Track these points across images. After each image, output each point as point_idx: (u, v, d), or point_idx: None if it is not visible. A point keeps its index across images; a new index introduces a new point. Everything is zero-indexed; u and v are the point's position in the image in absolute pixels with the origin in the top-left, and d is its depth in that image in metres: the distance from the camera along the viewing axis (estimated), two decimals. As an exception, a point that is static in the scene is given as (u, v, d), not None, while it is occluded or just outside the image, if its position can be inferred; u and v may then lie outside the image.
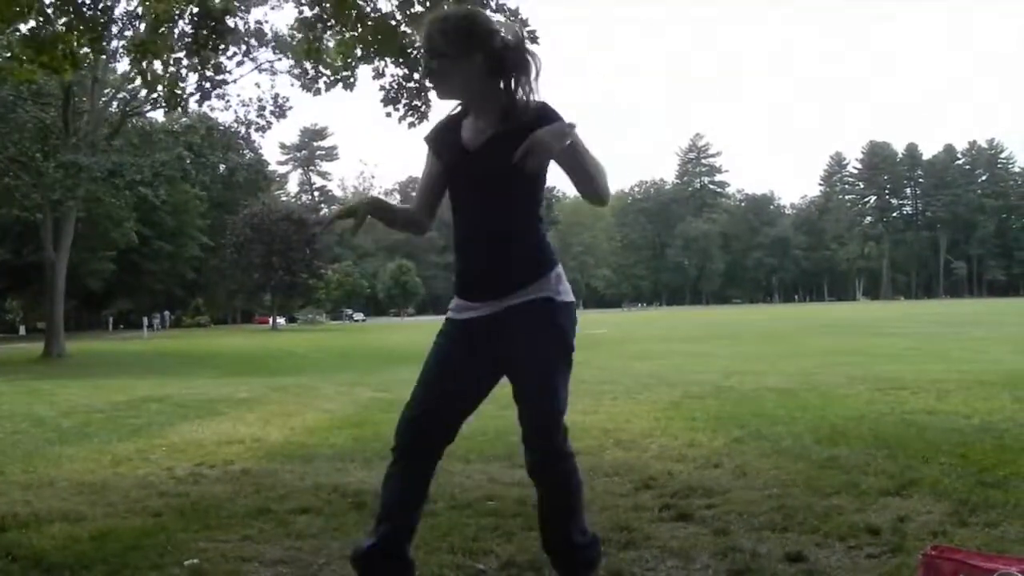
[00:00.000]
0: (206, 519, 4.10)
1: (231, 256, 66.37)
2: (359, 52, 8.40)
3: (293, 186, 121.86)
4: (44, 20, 7.01)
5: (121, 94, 32.72)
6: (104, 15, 7.47)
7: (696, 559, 3.33)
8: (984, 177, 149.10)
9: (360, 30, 8.20)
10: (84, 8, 7.22)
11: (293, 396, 11.26)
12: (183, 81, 8.67)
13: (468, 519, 3.94)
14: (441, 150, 2.80)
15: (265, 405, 10.05)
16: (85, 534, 3.83)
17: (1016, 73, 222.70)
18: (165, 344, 38.32)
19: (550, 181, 2.82)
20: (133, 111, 32.03)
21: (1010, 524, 3.67)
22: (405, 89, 8.63)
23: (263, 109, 29.55)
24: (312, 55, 8.72)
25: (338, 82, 8.78)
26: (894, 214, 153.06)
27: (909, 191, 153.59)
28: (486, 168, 2.67)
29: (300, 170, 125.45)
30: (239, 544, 3.68)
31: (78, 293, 56.17)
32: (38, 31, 7.07)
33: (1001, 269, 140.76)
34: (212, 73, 8.58)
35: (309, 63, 8.96)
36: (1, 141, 27.39)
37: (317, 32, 8.55)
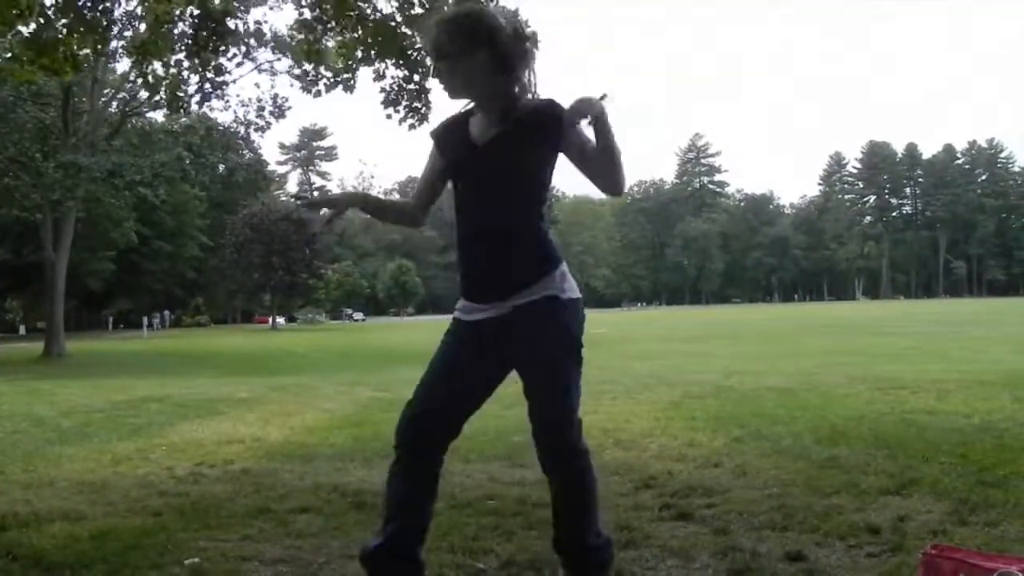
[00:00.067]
0: (206, 518, 4.10)
1: (231, 256, 66.38)
2: (359, 54, 8.39)
3: (293, 186, 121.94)
4: (45, 22, 6.99)
5: (121, 94, 32.73)
6: (105, 17, 7.45)
7: (696, 558, 3.33)
8: (984, 177, 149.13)
9: (360, 32, 8.19)
10: (85, 10, 7.20)
11: (293, 396, 11.25)
12: (185, 84, 8.65)
13: (468, 518, 3.93)
14: (446, 147, 2.80)
15: (265, 405, 10.04)
16: (85, 533, 3.82)
17: (1016, 73, 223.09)
18: (165, 344, 38.33)
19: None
20: (133, 111, 32.02)
21: (1010, 523, 3.66)
22: (406, 91, 8.62)
23: (262, 109, 29.56)
24: (312, 57, 8.71)
25: (338, 84, 8.77)
26: (894, 214, 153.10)
27: (909, 191, 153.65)
28: (491, 166, 2.67)
29: (300, 170, 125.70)
30: (239, 543, 3.68)
31: (78, 293, 56.18)
32: (39, 33, 7.05)
33: (1001, 269, 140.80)
34: (213, 75, 8.56)
35: (309, 65, 8.95)
36: (1, 141, 27.37)
37: (317, 34, 8.54)
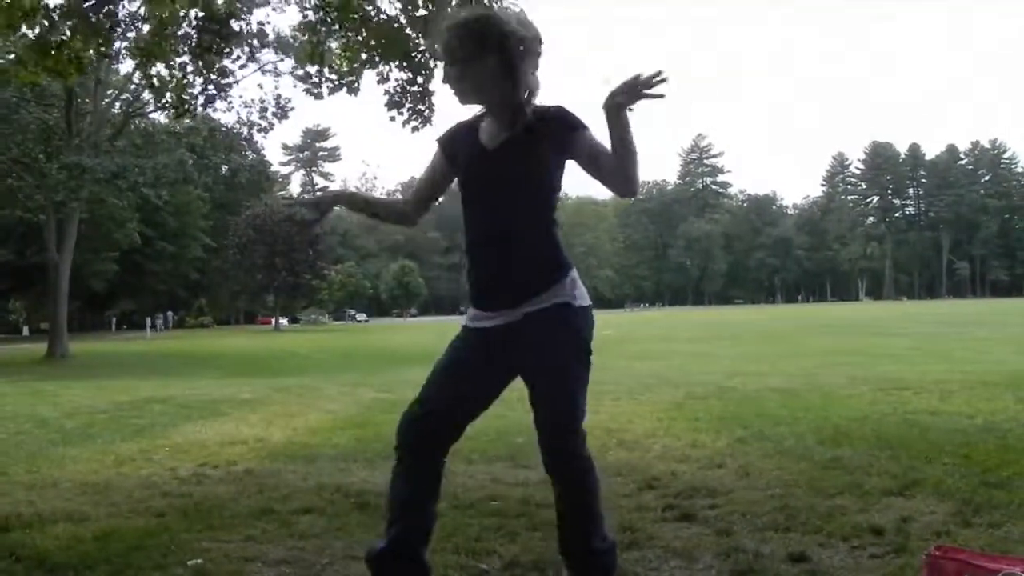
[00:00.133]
0: (209, 519, 4.10)
1: (234, 257, 66.33)
2: (364, 56, 8.38)
3: (296, 187, 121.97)
4: (50, 25, 6.99)
5: (124, 95, 32.76)
6: (109, 19, 7.44)
7: (699, 559, 3.33)
8: (987, 177, 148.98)
9: (364, 34, 8.18)
10: (90, 13, 7.20)
11: (296, 397, 11.26)
12: (191, 87, 8.64)
13: (471, 519, 3.94)
14: (456, 152, 2.78)
15: (268, 406, 10.05)
16: (88, 534, 3.83)
17: (1016, 73, 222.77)
18: (168, 345, 38.34)
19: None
20: (136, 112, 32.05)
21: (1014, 524, 3.67)
22: (409, 93, 8.59)
23: (265, 110, 29.56)
24: (315, 59, 8.70)
25: (343, 87, 8.74)
26: (897, 214, 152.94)
27: (912, 191, 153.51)
28: (502, 171, 2.66)
29: (303, 171, 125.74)
30: (242, 544, 3.68)
31: (81, 294, 56.18)
32: (44, 36, 7.05)
33: (1004, 269, 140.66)
34: (217, 77, 8.55)
35: (313, 67, 8.93)
36: (4, 142, 27.40)
37: (321, 36, 8.53)
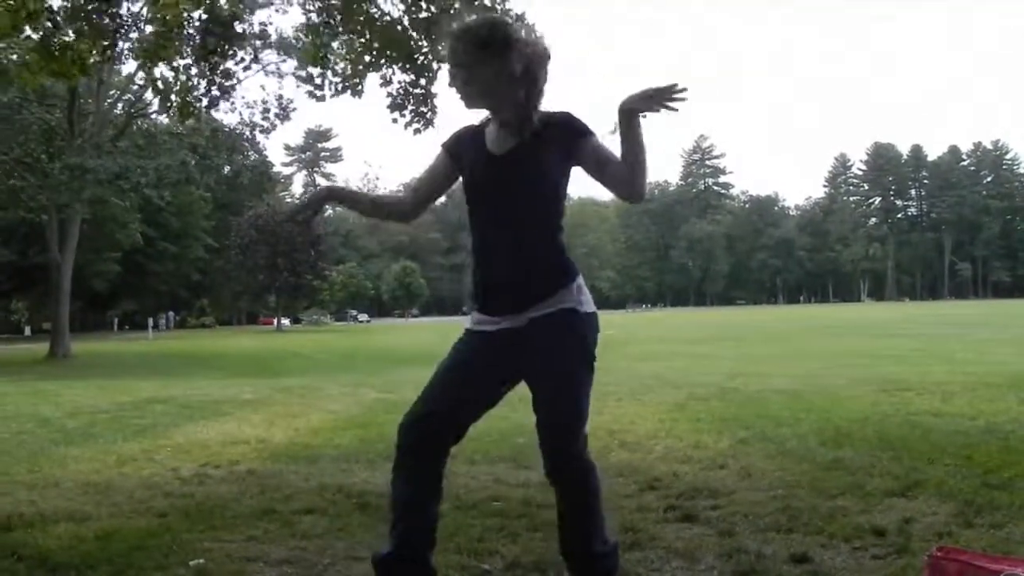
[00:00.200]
0: (211, 519, 4.11)
1: (236, 257, 66.32)
2: (367, 58, 8.36)
3: (298, 187, 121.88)
4: (54, 27, 6.99)
5: (126, 96, 32.77)
6: (114, 21, 7.44)
7: (701, 560, 3.33)
8: (989, 178, 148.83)
9: (368, 36, 8.17)
10: (94, 15, 7.19)
11: (298, 397, 11.27)
12: (195, 90, 8.61)
13: (473, 520, 3.94)
14: (461, 157, 2.78)
15: (270, 406, 10.06)
16: (90, 534, 3.84)
17: (1016, 73, 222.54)
18: (170, 345, 38.35)
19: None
20: (138, 113, 32.06)
21: (1015, 525, 3.67)
22: (412, 95, 8.58)
23: (267, 111, 29.53)
24: (319, 61, 8.69)
25: (346, 89, 8.72)
26: (899, 215, 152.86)
27: (914, 192, 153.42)
28: (510, 176, 2.65)
29: (305, 171, 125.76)
30: (244, 544, 3.69)
31: (83, 294, 56.20)
32: (48, 38, 7.05)
33: (1006, 270, 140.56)
34: (221, 79, 8.53)
35: (316, 69, 8.92)
36: (7, 142, 27.41)
37: (324, 39, 8.52)
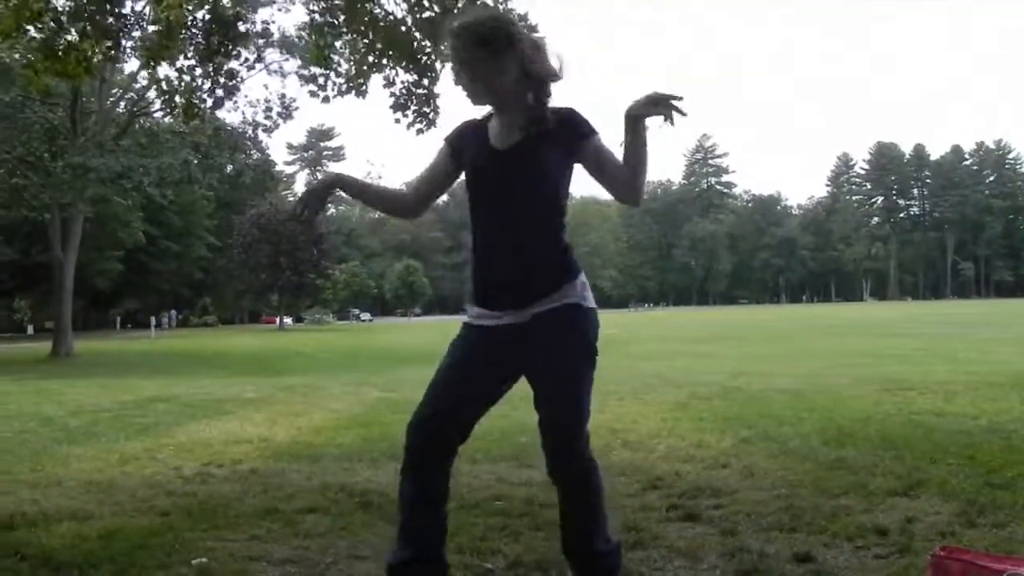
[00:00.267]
0: (214, 518, 4.11)
1: (238, 256, 66.40)
2: (371, 59, 8.35)
3: (300, 186, 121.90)
4: (58, 27, 6.98)
5: (129, 95, 32.79)
6: (118, 21, 7.42)
7: (704, 559, 3.33)
8: (992, 178, 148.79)
9: (371, 36, 8.15)
10: (97, 15, 7.18)
11: (300, 396, 11.27)
12: (200, 91, 8.59)
13: (476, 519, 3.93)
14: (464, 151, 2.77)
15: (272, 405, 10.06)
16: (93, 533, 3.84)
17: (1016, 73, 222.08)
18: (172, 344, 38.39)
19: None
20: (141, 111, 32.08)
21: (1018, 525, 3.66)
22: (414, 95, 8.56)
23: (270, 110, 29.54)
24: (322, 61, 8.68)
25: (351, 89, 8.69)
26: (901, 215, 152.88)
27: (916, 192, 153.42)
28: (514, 171, 2.64)
29: (307, 170, 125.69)
30: (247, 543, 3.69)
31: (86, 293, 56.34)
32: (52, 39, 7.04)
33: (1009, 270, 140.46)
34: (225, 79, 8.50)
35: (319, 70, 8.90)
36: (9, 141, 27.43)
37: (327, 40, 8.51)
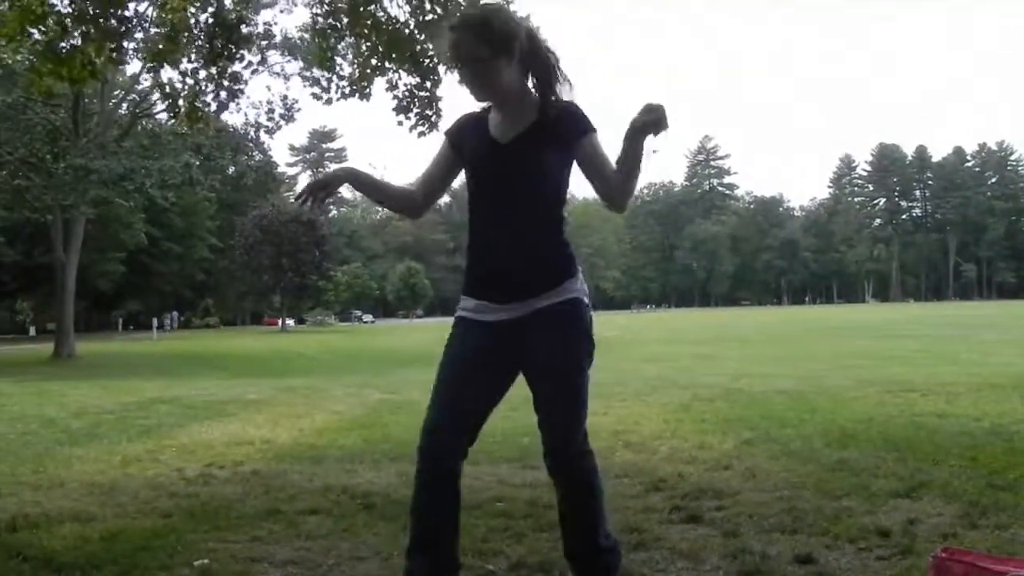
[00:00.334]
0: (216, 520, 4.11)
1: (240, 258, 66.38)
2: (374, 62, 8.34)
3: (302, 188, 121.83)
4: (62, 30, 6.97)
5: (131, 96, 32.80)
6: (123, 25, 7.41)
7: (706, 561, 3.33)
8: (994, 179, 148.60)
9: (375, 38, 8.15)
10: (101, 19, 7.16)
11: (302, 397, 11.27)
12: (203, 94, 8.58)
13: (478, 520, 3.93)
14: (464, 144, 2.75)
15: (274, 406, 10.07)
16: (95, 534, 3.84)
17: (1016, 73, 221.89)
18: (174, 345, 38.40)
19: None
20: (143, 113, 32.09)
21: (1020, 527, 3.66)
22: (417, 98, 8.55)
23: (272, 111, 29.53)
24: (325, 64, 8.67)
25: (354, 93, 8.68)
26: (903, 216, 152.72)
27: (918, 193, 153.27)
28: (515, 165, 2.63)
29: (309, 172, 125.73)
30: (249, 545, 3.69)
31: (88, 294, 56.35)
32: (55, 41, 7.03)
33: (1011, 271, 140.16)
34: (229, 82, 8.49)
35: (322, 73, 8.89)
36: (12, 143, 27.45)
37: (331, 42, 8.50)
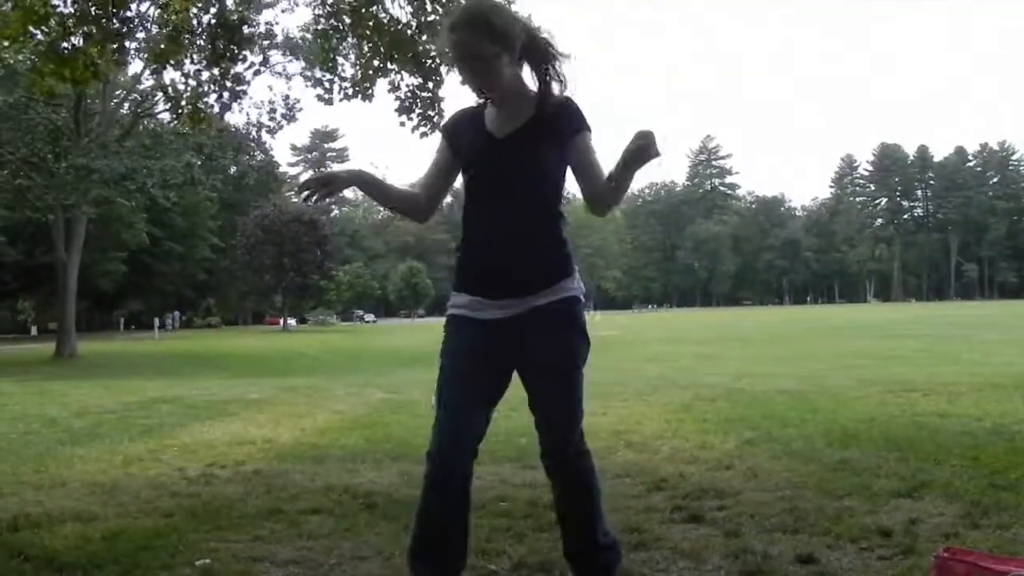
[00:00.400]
0: (217, 519, 4.11)
1: (242, 257, 66.42)
2: (376, 63, 8.34)
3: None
4: (64, 31, 6.97)
5: (132, 95, 32.80)
6: (125, 26, 7.41)
7: (707, 560, 3.33)
8: (995, 179, 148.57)
9: (376, 40, 8.15)
10: (103, 20, 7.16)
11: (304, 397, 11.27)
12: (206, 96, 8.58)
13: (480, 520, 3.92)
14: (460, 140, 2.72)
15: (276, 406, 10.07)
16: (97, 534, 3.84)
17: (1016, 73, 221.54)
18: (176, 345, 38.41)
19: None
20: (144, 113, 32.09)
21: (1022, 527, 3.65)
22: (419, 98, 8.55)
23: (274, 111, 29.52)
24: (327, 65, 8.67)
25: (357, 94, 8.67)
26: (905, 216, 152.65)
27: (920, 193, 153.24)
28: (513, 161, 2.61)
29: (311, 171, 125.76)
30: (250, 544, 3.69)
31: (90, 294, 56.36)
32: (57, 42, 7.03)
33: (1012, 271, 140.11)
34: (232, 84, 8.49)
35: (325, 74, 8.88)
36: (13, 142, 27.45)
37: (333, 43, 8.50)
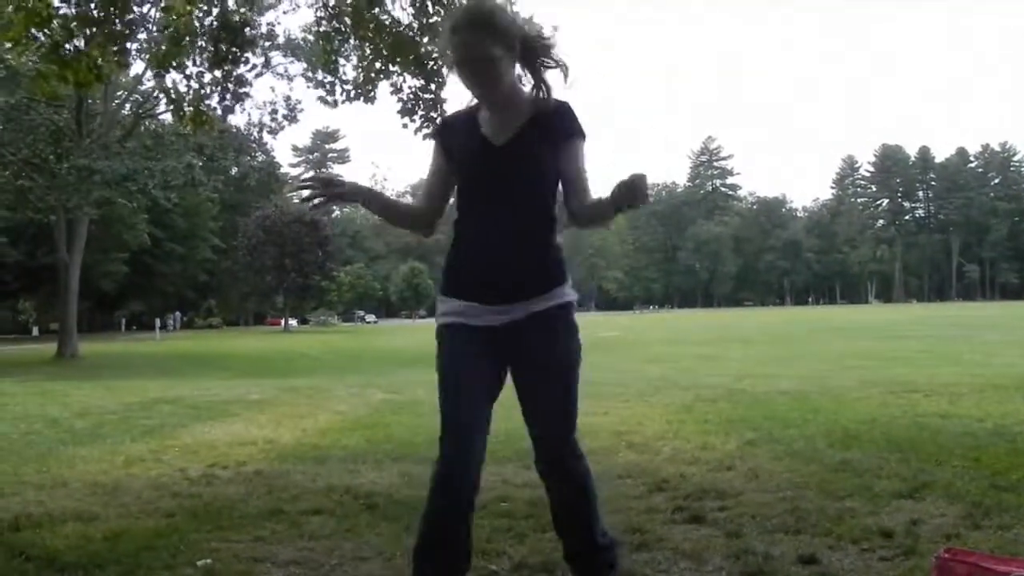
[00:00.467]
0: (219, 520, 4.12)
1: (243, 258, 66.41)
2: (378, 65, 8.34)
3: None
4: (67, 34, 6.98)
5: (134, 96, 32.81)
6: (128, 28, 7.41)
7: (709, 561, 3.33)
8: (997, 180, 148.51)
9: (378, 42, 8.15)
10: (106, 22, 7.16)
11: (305, 398, 11.28)
12: (209, 99, 8.57)
13: (481, 520, 3.91)
14: (453, 143, 2.69)
15: (277, 407, 10.08)
16: (98, 534, 3.85)
17: (1016, 73, 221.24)
18: (177, 346, 38.40)
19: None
20: (146, 113, 32.09)
21: (1023, 527, 3.65)
22: (421, 100, 8.55)
23: (275, 112, 29.52)
24: (329, 67, 8.67)
25: (359, 96, 8.67)
26: (906, 217, 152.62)
27: (921, 194, 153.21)
28: (510, 166, 2.58)
29: (312, 172, 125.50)
30: (252, 545, 3.70)
31: (91, 294, 56.36)
32: (59, 44, 7.03)
33: (1014, 272, 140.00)
34: (235, 86, 8.49)
35: (327, 76, 8.88)
36: (15, 143, 27.47)
37: (334, 45, 8.51)
